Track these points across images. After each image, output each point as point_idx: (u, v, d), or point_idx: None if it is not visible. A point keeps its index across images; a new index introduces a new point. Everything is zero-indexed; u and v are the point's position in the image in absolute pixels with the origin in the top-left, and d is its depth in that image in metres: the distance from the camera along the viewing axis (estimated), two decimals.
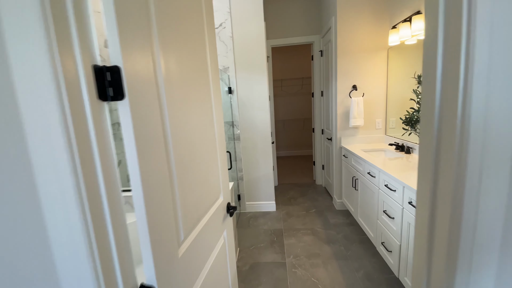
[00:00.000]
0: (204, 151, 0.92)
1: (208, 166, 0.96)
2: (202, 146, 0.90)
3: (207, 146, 0.95)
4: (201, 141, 0.89)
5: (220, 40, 2.70)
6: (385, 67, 2.67)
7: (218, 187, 1.09)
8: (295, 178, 4.17)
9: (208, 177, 0.95)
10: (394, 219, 1.67)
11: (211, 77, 1.03)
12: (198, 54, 0.90)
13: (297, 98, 5.72)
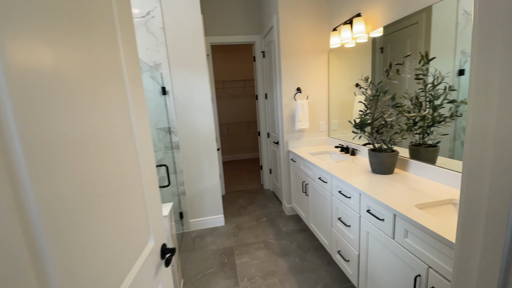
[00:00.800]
0: (117, 179, 0.59)
1: (125, 200, 0.63)
2: (112, 173, 0.57)
3: (121, 171, 0.62)
4: (110, 166, 0.56)
5: (149, 31, 2.27)
6: (326, 69, 2.69)
7: (146, 226, 0.77)
8: (243, 184, 3.96)
9: (125, 219, 0.62)
10: (351, 227, 1.59)
11: (127, 74, 0.71)
12: (101, 43, 0.57)
13: (240, 100, 5.54)
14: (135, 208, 0.69)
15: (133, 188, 0.69)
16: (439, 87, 1.50)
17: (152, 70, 2.29)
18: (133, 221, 0.67)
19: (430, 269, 0.99)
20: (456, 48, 1.40)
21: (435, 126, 1.54)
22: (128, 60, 0.73)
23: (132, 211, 0.67)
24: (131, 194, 0.68)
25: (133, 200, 0.68)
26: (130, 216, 0.65)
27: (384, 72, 1.78)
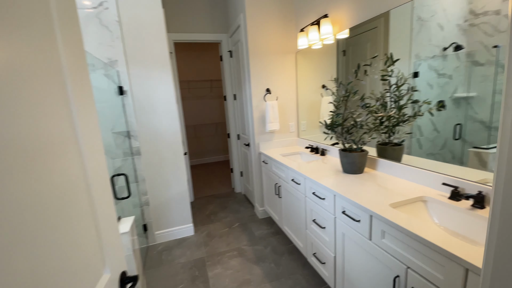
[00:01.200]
0: (51, 203, 0.45)
1: (66, 229, 0.49)
2: (42, 194, 0.43)
3: (58, 190, 0.48)
4: (37, 186, 0.42)
5: (102, 25, 2.03)
6: (294, 70, 2.68)
7: (98, 256, 0.62)
8: (213, 189, 3.80)
9: (66, 253, 0.48)
10: (326, 229, 1.57)
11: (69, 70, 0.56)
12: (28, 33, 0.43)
13: (207, 101, 5.35)
14: (81, 235, 0.55)
15: (77, 210, 0.54)
16: (403, 87, 1.55)
17: (107, 68, 2.05)
18: (80, 253, 0.53)
19: (409, 270, 0.99)
20: (411, 52, 1.46)
21: (399, 125, 1.59)
22: (69, 55, 0.58)
23: (76, 240, 0.53)
24: (75, 218, 0.53)
25: (78, 226, 0.54)
26: (74, 248, 0.51)
27: (353, 72, 1.81)
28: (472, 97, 1.22)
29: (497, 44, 1.11)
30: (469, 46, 1.20)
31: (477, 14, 1.16)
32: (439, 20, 1.31)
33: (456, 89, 1.28)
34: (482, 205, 1.08)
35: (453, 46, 1.28)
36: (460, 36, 1.24)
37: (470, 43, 1.20)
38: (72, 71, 0.58)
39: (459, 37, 1.24)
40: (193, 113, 5.30)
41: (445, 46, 1.31)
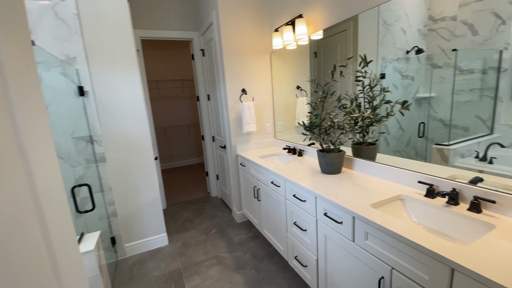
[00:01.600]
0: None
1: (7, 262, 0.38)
2: None
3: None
4: None
5: (58, 18, 1.81)
6: (269, 71, 2.65)
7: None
8: (187, 194, 3.64)
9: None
10: (307, 231, 1.55)
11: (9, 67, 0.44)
12: None
13: (178, 102, 5.13)
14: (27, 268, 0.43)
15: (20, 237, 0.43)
16: (375, 88, 1.59)
17: (64, 66, 1.83)
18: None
19: (393, 271, 0.99)
20: (378, 54, 1.51)
21: (373, 125, 1.63)
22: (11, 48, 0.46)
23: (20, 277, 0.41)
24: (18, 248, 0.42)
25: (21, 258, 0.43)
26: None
27: (329, 73, 1.81)
28: (432, 97, 1.29)
29: (455, 48, 1.18)
30: (429, 50, 1.26)
31: (436, 20, 1.21)
32: (402, 24, 1.37)
33: (418, 89, 1.35)
34: (456, 202, 1.13)
35: (415, 50, 1.34)
36: (420, 40, 1.29)
37: (430, 46, 1.26)
38: (14, 67, 0.47)
39: (420, 41, 1.30)
40: (164, 115, 5.05)
41: (407, 49, 1.37)
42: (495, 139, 1.08)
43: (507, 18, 0.99)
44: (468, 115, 1.17)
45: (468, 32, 1.11)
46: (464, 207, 1.10)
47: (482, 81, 1.10)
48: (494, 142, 1.09)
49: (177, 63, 5.00)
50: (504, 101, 1.04)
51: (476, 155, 1.15)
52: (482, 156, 1.13)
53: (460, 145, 1.21)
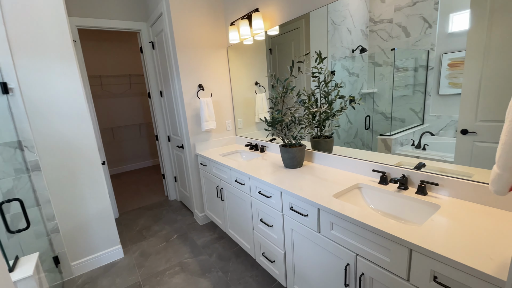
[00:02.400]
0: None
1: None
2: None
3: None
4: None
5: None
6: (227, 66, 2.58)
7: None
8: (142, 199, 3.36)
9: None
10: (274, 227, 1.55)
11: None
12: None
13: (126, 99, 4.70)
14: None
15: None
16: (330, 84, 1.66)
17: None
18: None
19: (358, 257, 1.04)
20: (328, 52, 1.59)
21: (329, 119, 1.71)
22: None
23: None
24: None
25: None
26: None
27: (288, 69, 1.83)
28: (374, 93, 1.41)
29: (394, 48, 1.30)
30: (371, 49, 1.37)
31: (375, 22, 1.32)
32: (348, 25, 1.45)
33: (362, 86, 1.46)
34: (406, 187, 1.24)
35: (359, 49, 1.44)
36: (363, 40, 1.40)
37: (371, 46, 1.37)
38: None
39: (363, 41, 1.40)
40: (110, 114, 4.57)
41: (353, 48, 1.47)
42: (426, 128, 1.22)
43: (433, 23, 1.11)
44: (404, 108, 1.29)
45: (402, 34, 1.23)
46: (413, 191, 1.22)
47: (415, 78, 1.23)
48: (426, 131, 1.23)
49: (123, 57, 4.56)
50: (431, 95, 1.17)
51: (412, 143, 1.29)
52: (417, 143, 1.27)
53: (399, 135, 1.34)
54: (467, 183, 1.06)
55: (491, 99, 0.99)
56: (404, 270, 0.88)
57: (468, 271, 0.72)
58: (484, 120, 1.02)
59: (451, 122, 1.13)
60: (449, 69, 1.12)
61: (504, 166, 0.66)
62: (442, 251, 0.77)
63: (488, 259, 0.73)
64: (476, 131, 1.05)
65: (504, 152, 0.66)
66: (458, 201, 1.08)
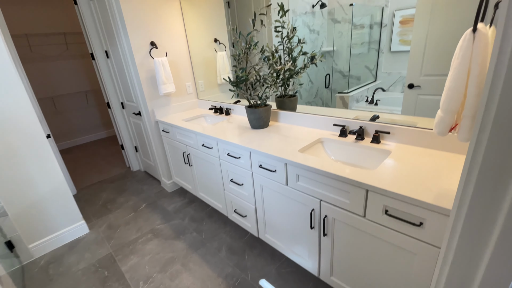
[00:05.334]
0: None
1: None
2: None
3: None
4: None
5: None
6: (181, 20, 2.33)
7: None
8: (101, 173, 3.16)
9: None
10: (244, 185, 1.61)
11: None
12: None
13: (64, 63, 4.06)
14: None
15: None
16: (293, 40, 1.63)
17: None
18: None
19: (322, 202, 1.15)
20: (289, 6, 1.53)
21: (293, 77, 1.71)
22: None
23: None
24: None
25: None
26: None
27: (251, 22, 1.72)
28: (334, 51, 1.43)
29: (352, 3, 1.30)
30: (330, 4, 1.36)
31: None
32: None
33: (323, 43, 1.47)
34: (362, 137, 1.35)
35: (319, 4, 1.41)
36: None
37: (330, 1, 1.35)
38: None
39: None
40: (47, 81, 3.95)
41: (313, 3, 1.43)
42: (378, 85, 1.31)
43: None
44: (360, 66, 1.35)
45: None
46: (368, 140, 1.33)
47: (370, 36, 1.27)
48: (378, 87, 1.32)
49: (54, 11, 3.80)
50: (384, 53, 1.24)
51: (366, 99, 1.38)
52: (370, 99, 1.37)
53: (355, 92, 1.42)
54: (413, 130, 1.20)
55: (434, 54, 1.07)
56: (361, 208, 1.01)
57: (412, 202, 0.84)
58: (428, 75, 1.12)
59: (400, 78, 1.21)
60: (400, 26, 1.16)
61: (446, 110, 0.75)
62: (392, 188, 0.89)
63: (428, 190, 0.86)
64: (421, 85, 1.16)
65: (447, 97, 0.74)
66: (406, 146, 1.22)
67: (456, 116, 0.76)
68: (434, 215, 0.81)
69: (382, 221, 0.96)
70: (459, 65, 0.69)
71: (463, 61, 0.68)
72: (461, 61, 0.68)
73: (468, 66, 0.68)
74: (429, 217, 0.83)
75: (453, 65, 0.71)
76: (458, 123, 0.78)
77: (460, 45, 0.68)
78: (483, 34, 0.64)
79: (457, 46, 0.69)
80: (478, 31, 0.64)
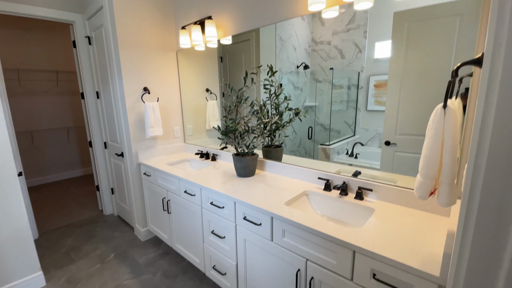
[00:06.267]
0: None
1: None
2: None
3: None
4: None
5: None
6: (176, 70, 2.47)
7: None
8: (70, 215, 2.90)
9: None
10: (226, 238, 1.52)
11: None
12: None
13: (52, 99, 4.05)
14: None
15: None
16: (280, 96, 1.75)
17: None
18: None
19: (308, 262, 1.10)
20: (276, 66, 1.70)
21: (279, 129, 1.79)
22: None
23: None
24: None
25: None
26: None
27: (243, 79, 1.85)
28: (316, 106, 1.56)
29: (332, 67, 1.46)
30: (312, 66, 1.52)
31: (317, 42, 1.47)
32: (293, 42, 1.58)
33: (305, 99, 1.60)
34: (346, 192, 1.37)
35: (303, 65, 1.58)
36: (307, 57, 1.54)
37: (313, 64, 1.51)
38: None
39: (306, 58, 1.54)
40: (29, 115, 3.86)
41: (297, 64, 1.60)
42: (357, 139, 1.40)
43: (362, 48, 1.29)
44: (340, 121, 1.46)
45: (339, 55, 1.39)
46: (352, 196, 1.35)
47: (348, 95, 1.40)
48: (357, 141, 1.41)
49: (51, 50, 3.93)
50: (361, 111, 1.35)
51: (346, 152, 1.45)
52: (350, 152, 1.44)
53: (336, 145, 1.49)
54: (394, 189, 1.24)
55: (407, 116, 1.19)
56: (348, 271, 0.97)
57: (400, 266, 0.82)
58: (402, 134, 1.22)
59: (376, 134, 1.31)
60: (375, 89, 1.30)
61: (425, 175, 0.79)
62: (379, 251, 0.87)
63: (414, 254, 0.85)
64: (396, 142, 1.24)
65: (425, 164, 0.79)
66: (388, 204, 1.24)
67: (434, 181, 0.80)
68: (422, 281, 0.79)
69: (370, 286, 0.91)
70: (434, 136, 0.75)
71: (436, 132, 0.75)
72: (434, 132, 0.75)
73: (441, 136, 0.74)
74: (417, 283, 0.80)
75: (428, 135, 0.78)
76: (437, 188, 0.82)
77: (432, 118, 0.76)
78: (452, 110, 0.72)
79: (430, 119, 0.77)
80: (448, 108, 0.72)
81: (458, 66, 0.73)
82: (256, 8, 1.70)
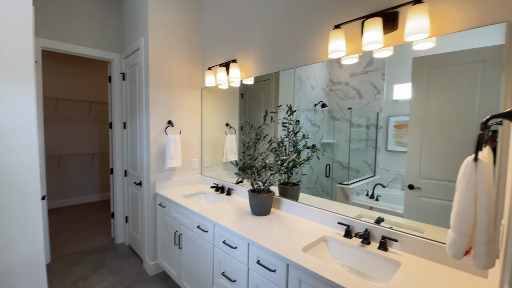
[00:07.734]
0: None
1: None
2: None
3: None
4: None
5: None
6: (199, 106, 2.61)
7: None
8: (83, 241, 2.90)
9: None
10: (237, 282, 1.43)
11: None
12: None
13: (83, 126, 4.34)
14: None
15: None
16: (298, 134, 1.77)
17: None
18: None
19: None
20: (294, 104, 1.74)
21: (296, 167, 1.77)
22: None
23: None
24: None
25: None
26: None
27: (262, 117, 1.91)
28: (333, 143, 1.54)
29: (350, 107, 1.47)
30: (330, 105, 1.54)
31: (334, 83, 1.51)
32: (311, 82, 1.63)
33: (323, 136, 1.60)
34: (368, 241, 1.28)
35: (320, 104, 1.61)
36: (324, 96, 1.57)
37: (331, 102, 1.54)
38: None
39: (324, 97, 1.57)
40: (59, 140, 4.12)
41: (315, 103, 1.63)
42: (377, 180, 1.34)
43: (381, 90, 1.30)
44: (358, 160, 1.42)
45: (357, 95, 1.41)
46: (375, 246, 1.26)
47: (367, 134, 1.38)
48: (377, 183, 1.34)
49: (87, 82, 4.33)
50: (381, 151, 1.32)
51: (366, 193, 1.38)
52: (370, 194, 1.37)
53: (355, 185, 1.44)
54: (422, 241, 1.14)
55: (431, 159, 1.14)
56: None
57: None
58: (426, 178, 1.15)
59: (398, 176, 1.25)
60: (395, 129, 1.28)
61: (458, 232, 0.73)
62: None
63: None
64: (421, 187, 1.18)
65: (458, 219, 0.73)
66: (416, 258, 1.14)
67: (469, 239, 0.73)
68: None
69: None
70: (465, 189, 0.71)
71: (468, 186, 0.70)
72: (466, 185, 0.71)
73: (474, 191, 0.70)
74: None
75: (459, 188, 0.73)
76: (472, 247, 0.75)
77: (463, 171, 0.72)
78: (485, 164, 0.68)
79: (460, 171, 0.73)
80: (480, 161, 0.69)
81: (488, 118, 0.71)
82: (279, 54, 1.82)
